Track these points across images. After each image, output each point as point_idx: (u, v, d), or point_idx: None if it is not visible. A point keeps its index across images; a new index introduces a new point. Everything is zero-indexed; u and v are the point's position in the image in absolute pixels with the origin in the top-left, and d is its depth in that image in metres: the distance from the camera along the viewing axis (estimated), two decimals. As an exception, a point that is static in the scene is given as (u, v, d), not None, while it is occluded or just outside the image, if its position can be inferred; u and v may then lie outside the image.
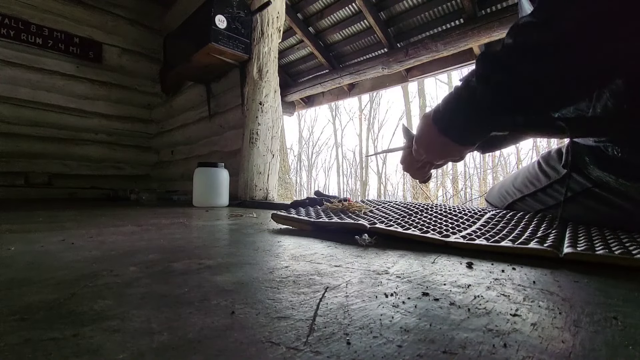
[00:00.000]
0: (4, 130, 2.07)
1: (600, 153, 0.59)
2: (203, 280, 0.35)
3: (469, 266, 0.42)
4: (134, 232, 0.70)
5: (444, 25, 2.23)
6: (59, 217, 0.98)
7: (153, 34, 2.64)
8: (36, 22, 2.15)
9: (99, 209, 1.33)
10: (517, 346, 0.21)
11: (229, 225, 0.86)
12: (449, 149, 0.54)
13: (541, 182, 0.75)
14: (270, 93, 1.72)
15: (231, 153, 1.90)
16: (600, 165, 0.59)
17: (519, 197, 0.83)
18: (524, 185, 0.81)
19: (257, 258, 0.47)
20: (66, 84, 2.29)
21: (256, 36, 1.72)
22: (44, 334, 0.22)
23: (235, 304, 0.28)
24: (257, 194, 1.67)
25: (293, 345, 0.21)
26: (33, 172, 2.17)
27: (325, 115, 18.96)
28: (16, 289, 0.32)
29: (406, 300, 0.30)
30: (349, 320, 0.25)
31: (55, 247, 0.52)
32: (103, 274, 0.37)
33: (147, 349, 0.20)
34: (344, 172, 10.86)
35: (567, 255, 0.44)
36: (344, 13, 2.56)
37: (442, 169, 7.13)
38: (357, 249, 0.54)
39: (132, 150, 2.63)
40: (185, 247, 0.54)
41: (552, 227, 0.59)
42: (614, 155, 0.56)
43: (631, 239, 0.50)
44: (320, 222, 0.71)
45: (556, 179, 0.71)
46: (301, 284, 0.35)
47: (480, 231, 0.59)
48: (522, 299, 0.30)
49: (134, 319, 0.25)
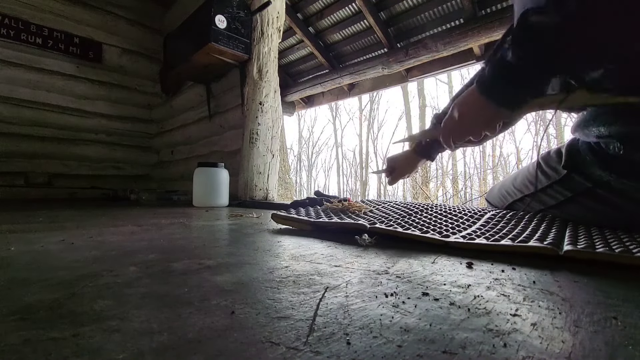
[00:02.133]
0: (3, 130, 2.07)
1: (601, 151, 0.59)
2: (203, 280, 0.35)
3: (469, 266, 0.42)
4: (134, 232, 0.70)
5: (444, 25, 2.22)
6: (58, 217, 0.98)
7: (153, 34, 2.64)
8: (36, 22, 2.15)
9: (98, 209, 1.33)
10: (517, 346, 0.21)
11: (229, 225, 0.86)
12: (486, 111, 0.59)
13: (541, 182, 0.75)
14: (270, 93, 1.72)
15: (231, 153, 1.90)
16: (601, 165, 0.60)
17: (519, 197, 0.83)
18: (524, 186, 0.82)
19: (257, 258, 0.47)
20: (66, 84, 2.29)
21: (256, 36, 1.72)
22: (44, 334, 0.22)
23: (235, 304, 0.28)
24: (257, 194, 1.67)
25: (293, 345, 0.21)
26: (33, 172, 2.17)
27: (325, 115, 18.95)
28: (16, 289, 0.32)
29: (406, 300, 0.30)
30: (349, 320, 0.25)
31: (55, 247, 0.52)
32: (103, 274, 0.37)
33: (147, 349, 0.20)
34: (344, 172, 10.86)
35: (567, 252, 0.44)
36: (344, 13, 2.55)
37: (443, 170, 7.13)
38: (357, 249, 0.54)
39: (132, 150, 2.63)
40: (185, 247, 0.54)
41: (552, 227, 0.59)
42: (615, 154, 0.56)
43: (631, 238, 0.50)
44: (320, 222, 0.71)
45: (556, 180, 0.71)
46: (301, 284, 0.35)
47: (480, 231, 0.59)
48: (522, 299, 0.30)
49: (133, 319, 0.25)
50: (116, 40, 2.49)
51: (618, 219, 0.61)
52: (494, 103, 0.58)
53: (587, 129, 0.61)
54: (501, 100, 0.57)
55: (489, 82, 0.57)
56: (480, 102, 0.59)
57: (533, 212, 0.77)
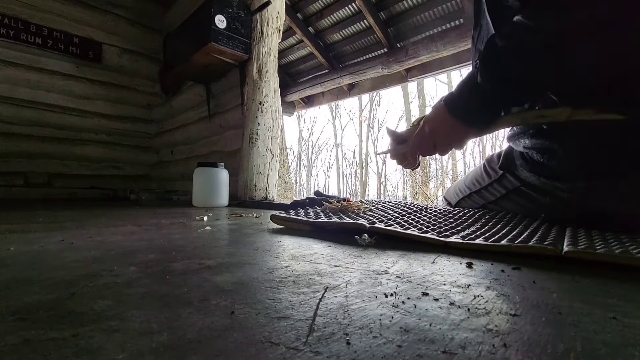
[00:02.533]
0: (3, 130, 2.07)
1: (528, 158, 0.70)
2: (203, 280, 0.35)
3: (469, 266, 0.42)
4: (134, 232, 0.70)
5: (444, 25, 2.22)
6: (58, 217, 0.98)
7: (153, 34, 2.64)
8: (36, 22, 2.15)
9: (98, 209, 1.33)
10: (517, 346, 0.21)
11: (229, 225, 0.86)
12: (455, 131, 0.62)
13: (485, 181, 0.86)
14: (270, 93, 1.71)
15: (231, 153, 1.90)
16: (527, 168, 0.71)
17: (467, 194, 0.94)
18: (472, 184, 0.92)
19: (257, 258, 0.47)
20: (66, 84, 2.29)
21: (256, 36, 1.72)
22: (44, 334, 0.22)
23: (235, 304, 0.28)
24: (256, 194, 1.67)
25: (293, 345, 0.21)
26: (33, 172, 2.17)
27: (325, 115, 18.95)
28: (16, 289, 0.32)
29: (406, 300, 0.30)
30: (348, 320, 0.25)
31: (54, 247, 0.52)
32: (103, 274, 0.37)
33: (147, 349, 0.20)
34: (344, 172, 10.86)
35: (568, 253, 0.44)
36: (344, 13, 2.55)
37: (443, 169, 7.13)
38: (356, 249, 0.54)
39: (131, 150, 2.63)
40: (185, 247, 0.54)
41: (552, 228, 0.59)
42: (538, 161, 0.67)
43: (632, 239, 0.50)
44: (319, 222, 0.71)
45: (495, 179, 0.82)
46: (301, 284, 0.35)
47: (480, 231, 0.59)
48: (522, 299, 0.30)
49: (133, 319, 0.25)
50: (116, 40, 2.49)
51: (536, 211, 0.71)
52: (463, 123, 0.61)
53: (517, 140, 0.71)
54: (469, 120, 0.61)
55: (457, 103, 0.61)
56: (450, 121, 0.62)
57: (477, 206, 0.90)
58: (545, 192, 0.69)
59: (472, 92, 0.59)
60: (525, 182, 0.73)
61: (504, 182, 0.79)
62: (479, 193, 0.89)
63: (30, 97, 2.16)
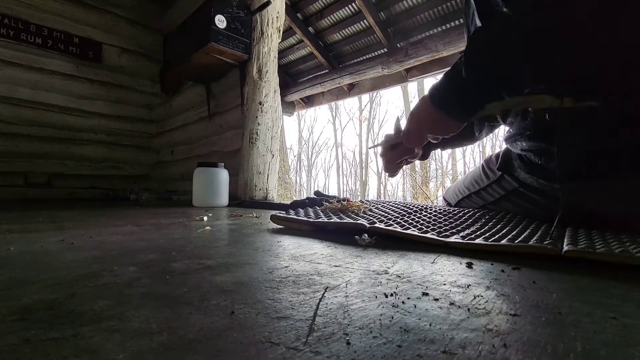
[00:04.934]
0: (3, 130, 2.07)
1: (526, 160, 0.70)
2: (203, 280, 0.35)
3: (469, 266, 0.42)
4: (134, 232, 0.70)
5: (444, 25, 2.22)
6: (58, 217, 0.98)
7: (153, 34, 2.64)
8: (35, 22, 2.15)
9: (98, 209, 1.33)
10: (517, 346, 0.21)
11: (229, 225, 0.86)
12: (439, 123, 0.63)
13: (483, 182, 0.86)
14: (270, 93, 1.71)
15: (231, 153, 1.90)
16: (525, 169, 0.71)
17: (467, 194, 0.94)
18: (471, 184, 0.92)
19: (257, 258, 0.47)
20: (66, 84, 2.29)
21: (256, 36, 1.72)
22: (44, 334, 0.22)
23: (235, 304, 0.28)
24: (256, 194, 1.67)
25: (293, 346, 0.21)
26: (32, 172, 2.17)
27: (325, 115, 18.94)
28: (16, 289, 0.32)
29: (406, 300, 0.30)
30: (348, 320, 0.25)
31: (54, 247, 0.52)
32: (103, 274, 0.37)
33: (147, 349, 0.20)
34: (344, 172, 10.86)
35: (568, 252, 0.44)
36: (344, 13, 2.55)
37: (442, 170, 7.13)
38: (356, 249, 0.54)
39: (131, 150, 2.63)
40: (185, 247, 0.54)
41: (552, 228, 0.59)
42: (536, 163, 0.68)
43: (632, 239, 0.50)
44: (319, 222, 0.71)
45: (494, 180, 0.83)
46: (301, 284, 0.35)
47: (480, 231, 0.59)
48: (522, 299, 0.30)
49: (133, 319, 0.25)
50: (116, 40, 2.49)
51: (535, 212, 0.72)
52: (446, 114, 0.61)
53: (515, 142, 0.71)
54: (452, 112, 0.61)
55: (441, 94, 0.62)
56: (434, 113, 0.63)
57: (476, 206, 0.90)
58: (544, 194, 0.69)
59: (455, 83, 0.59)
60: (524, 184, 0.74)
61: (503, 183, 0.80)
62: (478, 194, 0.89)
63: (30, 97, 2.16)
